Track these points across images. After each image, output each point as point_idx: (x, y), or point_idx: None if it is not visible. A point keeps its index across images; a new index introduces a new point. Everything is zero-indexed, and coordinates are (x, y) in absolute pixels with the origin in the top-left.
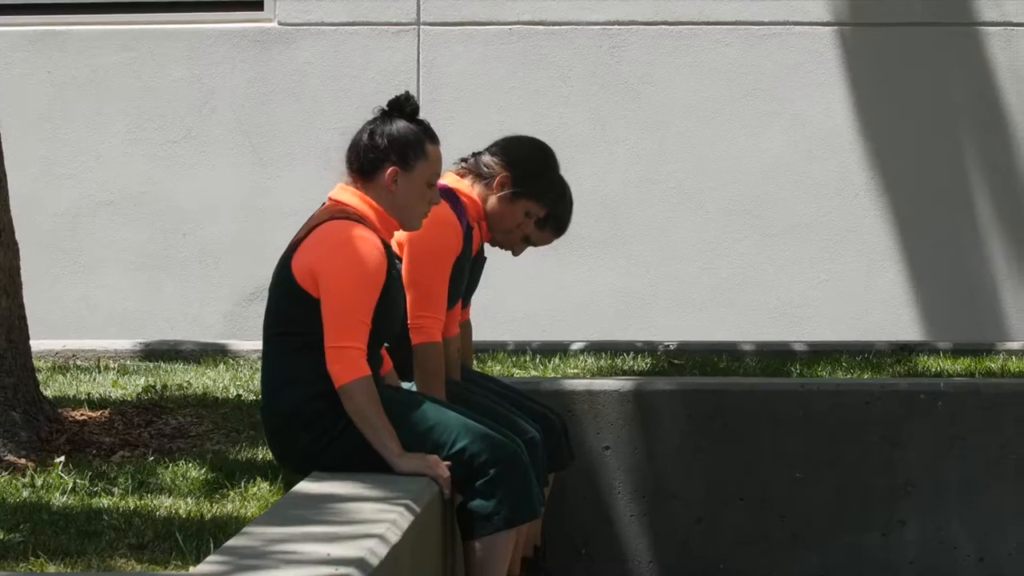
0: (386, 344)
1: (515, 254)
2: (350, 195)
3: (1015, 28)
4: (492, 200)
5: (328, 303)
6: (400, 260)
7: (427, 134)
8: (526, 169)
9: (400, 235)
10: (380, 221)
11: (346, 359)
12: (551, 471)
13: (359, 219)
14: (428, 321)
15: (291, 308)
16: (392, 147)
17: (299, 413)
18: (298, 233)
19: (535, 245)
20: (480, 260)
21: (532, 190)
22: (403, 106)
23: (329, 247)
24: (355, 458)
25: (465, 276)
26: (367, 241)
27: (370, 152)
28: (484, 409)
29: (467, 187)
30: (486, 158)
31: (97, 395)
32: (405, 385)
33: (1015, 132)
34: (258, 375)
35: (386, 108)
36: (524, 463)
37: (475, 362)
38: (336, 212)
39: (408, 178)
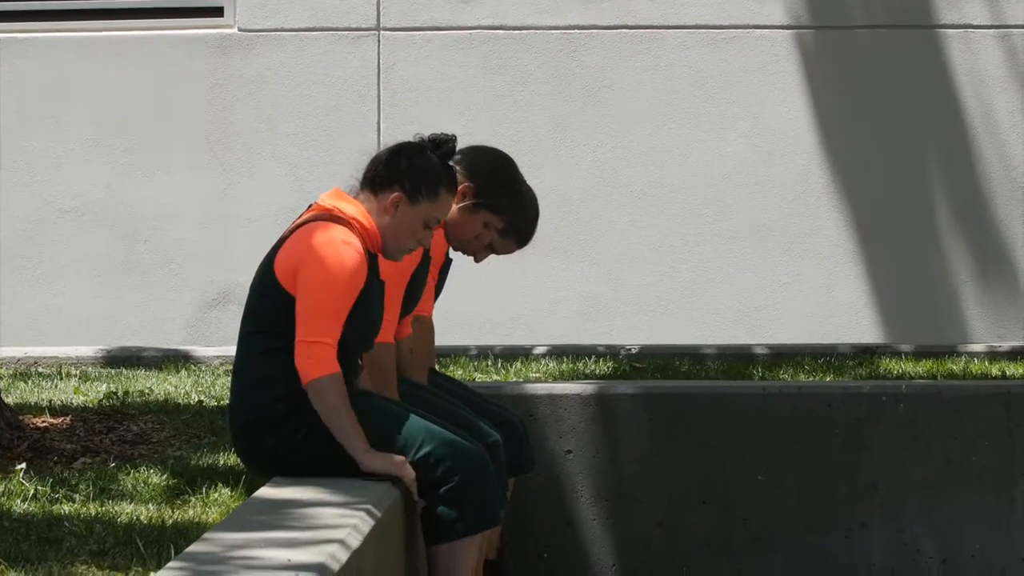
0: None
1: (477, 260)
2: (346, 202)
3: (974, 30)
4: (453, 209)
5: (303, 299)
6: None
7: (447, 180)
8: (486, 180)
9: None
10: (367, 234)
11: (316, 354)
12: (512, 476)
13: (345, 222)
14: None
15: (269, 306)
16: (408, 174)
17: (267, 414)
18: (284, 232)
19: (497, 253)
20: (447, 263)
21: (491, 202)
22: (440, 145)
23: (310, 245)
24: (320, 462)
25: (420, 286)
26: (349, 244)
27: (386, 169)
28: (446, 412)
29: None
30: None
31: (59, 402)
32: None
33: (975, 135)
34: (219, 381)
35: (425, 139)
36: (488, 470)
37: (437, 366)
38: (322, 214)
39: (409, 210)
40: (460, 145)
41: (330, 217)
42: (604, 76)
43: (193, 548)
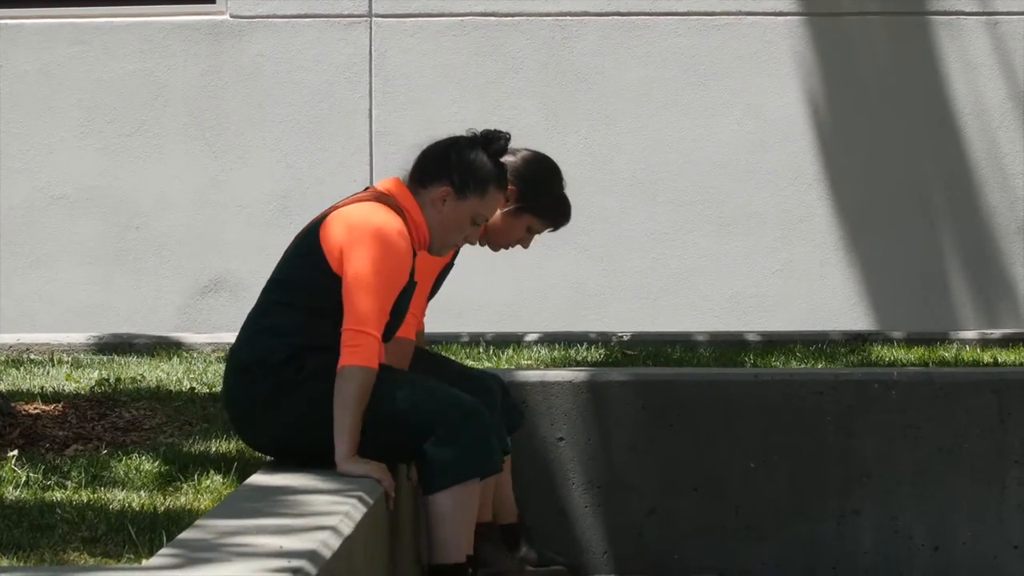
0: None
1: (494, 250)
2: (402, 193)
3: (966, 17)
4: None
5: (356, 286)
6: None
7: (498, 177)
8: (532, 184)
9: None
10: (415, 227)
11: (364, 345)
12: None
13: (399, 210)
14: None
15: (306, 267)
16: (458, 169)
17: (265, 360)
18: (336, 203)
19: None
20: (448, 267)
21: (536, 206)
22: (492, 141)
23: (367, 228)
24: (300, 426)
25: (441, 282)
26: (402, 235)
27: (436, 164)
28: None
29: None
30: None
31: (51, 389)
32: None
33: (965, 121)
34: (211, 368)
35: (478, 134)
36: (483, 417)
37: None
38: (380, 196)
39: (456, 204)
40: (460, 130)
41: (388, 201)
42: (596, 63)
43: (185, 535)
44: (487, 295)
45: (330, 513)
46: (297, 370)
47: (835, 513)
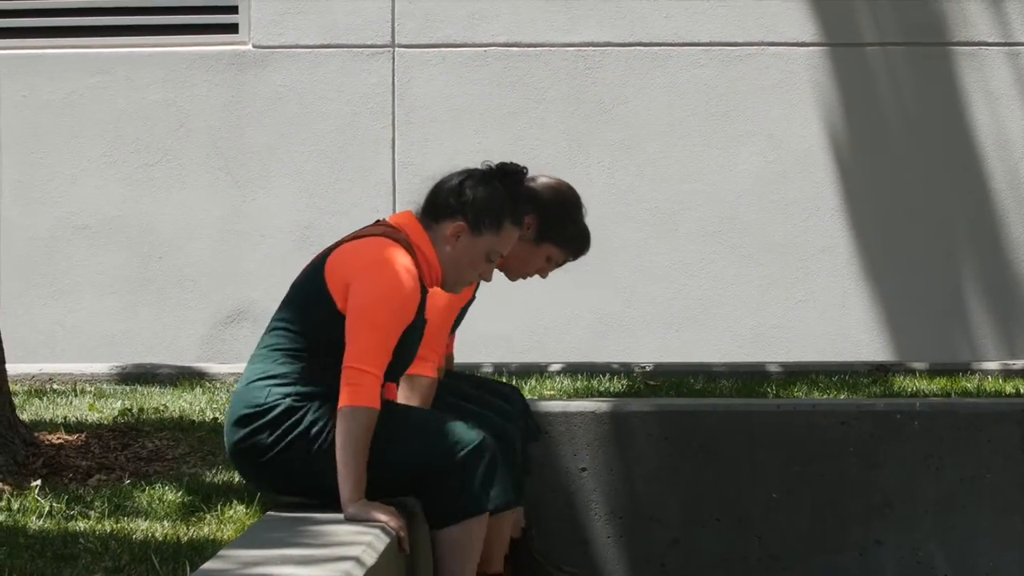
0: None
1: (511, 279)
2: (413, 228)
3: (988, 48)
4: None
5: (359, 322)
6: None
7: (513, 212)
8: (553, 214)
9: None
10: (428, 266)
11: (365, 384)
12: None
13: (409, 247)
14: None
15: (309, 307)
16: (472, 205)
17: (265, 412)
18: (344, 237)
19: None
20: (470, 301)
21: (556, 235)
22: (508, 174)
23: (372, 263)
24: (309, 468)
25: (462, 318)
26: (411, 274)
27: (450, 197)
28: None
29: None
30: None
31: (74, 419)
32: None
33: (987, 152)
34: None
35: (493, 166)
36: (491, 452)
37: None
38: (390, 231)
39: (471, 241)
40: (477, 162)
41: (398, 237)
42: (619, 93)
43: (208, 565)
44: (511, 325)
45: (353, 543)
46: (294, 424)
47: (857, 543)
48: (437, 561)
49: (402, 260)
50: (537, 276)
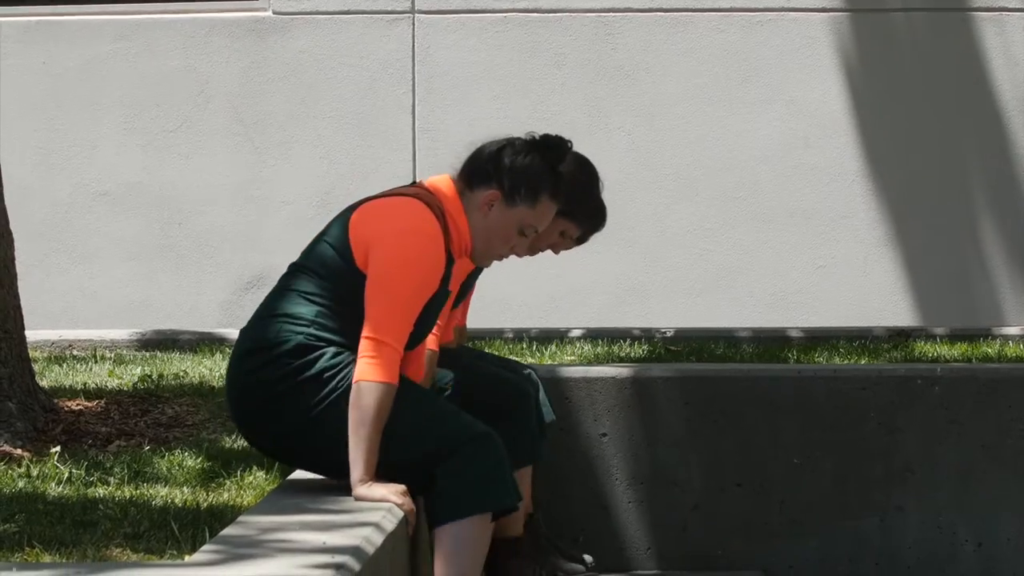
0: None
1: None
2: (448, 193)
3: (1009, 13)
4: None
5: (379, 292)
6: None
7: (553, 187)
8: (569, 188)
9: None
10: (457, 232)
11: (384, 357)
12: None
13: (441, 213)
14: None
15: (327, 257)
16: (509, 173)
17: (273, 347)
18: (377, 193)
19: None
20: (476, 271)
21: (573, 210)
22: (551, 147)
23: (395, 230)
24: (310, 423)
25: (467, 289)
26: (435, 241)
27: (488, 164)
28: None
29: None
30: None
31: (93, 385)
32: None
33: (1009, 117)
34: None
35: (537, 138)
36: (497, 450)
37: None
38: (423, 194)
39: (504, 211)
40: (500, 133)
41: (431, 201)
42: (639, 59)
43: (228, 531)
44: (531, 291)
45: (373, 509)
46: (305, 364)
47: (878, 509)
48: (435, 563)
49: (428, 227)
50: (550, 251)
